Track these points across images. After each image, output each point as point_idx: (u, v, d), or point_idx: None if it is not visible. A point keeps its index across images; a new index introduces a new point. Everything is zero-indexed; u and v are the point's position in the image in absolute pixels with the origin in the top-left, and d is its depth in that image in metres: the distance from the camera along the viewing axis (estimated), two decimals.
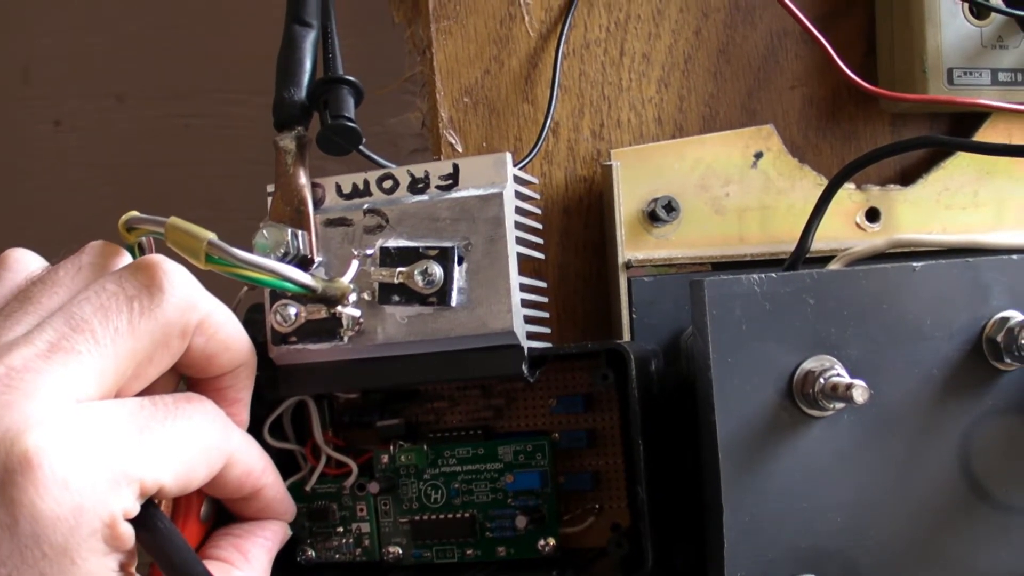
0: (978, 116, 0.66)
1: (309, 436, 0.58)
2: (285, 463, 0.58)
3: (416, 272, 0.51)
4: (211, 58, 0.88)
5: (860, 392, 0.49)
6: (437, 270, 0.51)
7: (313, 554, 0.58)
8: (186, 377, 0.51)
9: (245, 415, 0.52)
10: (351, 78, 0.54)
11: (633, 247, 0.60)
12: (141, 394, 0.48)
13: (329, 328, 0.53)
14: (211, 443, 0.49)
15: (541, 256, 0.55)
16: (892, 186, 0.64)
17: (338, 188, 0.54)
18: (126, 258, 0.50)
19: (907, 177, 0.65)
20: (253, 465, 0.52)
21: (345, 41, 0.58)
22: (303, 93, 0.54)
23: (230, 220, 0.62)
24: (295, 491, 0.57)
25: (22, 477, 0.42)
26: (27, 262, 0.50)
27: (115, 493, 0.44)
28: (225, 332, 0.50)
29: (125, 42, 0.92)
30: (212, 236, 0.48)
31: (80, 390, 0.44)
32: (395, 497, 0.57)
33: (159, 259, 0.48)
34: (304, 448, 0.58)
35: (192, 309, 0.48)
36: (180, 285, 0.47)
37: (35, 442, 0.42)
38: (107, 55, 0.92)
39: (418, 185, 0.53)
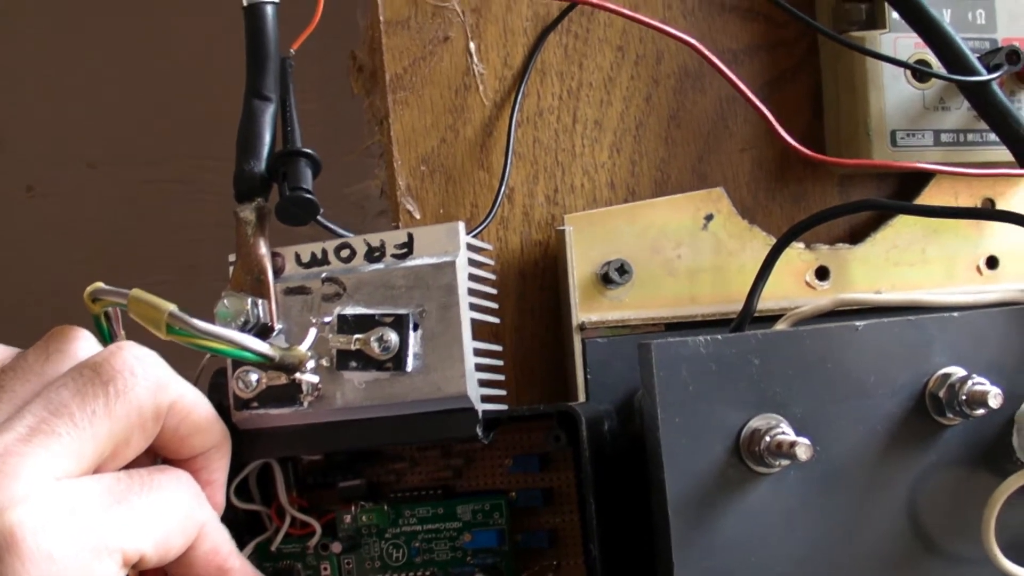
0: (924, 175, 0.67)
1: (274, 497, 0.59)
2: (251, 524, 0.59)
3: (372, 339, 0.53)
4: (179, 125, 0.89)
5: (803, 450, 0.51)
6: (393, 337, 0.53)
7: None
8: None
9: (220, 497, 0.54)
10: (309, 151, 0.55)
11: (587, 309, 0.61)
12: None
13: (289, 393, 0.54)
14: (186, 511, 0.50)
15: (496, 320, 0.57)
16: (841, 245, 0.66)
17: (297, 257, 0.56)
18: (90, 340, 0.51)
19: (856, 236, 0.67)
20: (221, 544, 0.53)
21: (311, 107, 0.59)
22: (263, 165, 0.55)
23: (199, 283, 0.63)
24: (261, 551, 0.59)
25: (8, 553, 0.43)
26: None
27: (99, 563, 0.45)
28: (197, 415, 0.51)
29: (97, 110, 0.93)
30: (173, 307, 0.49)
31: (60, 469, 0.46)
32: (358, 556, 0.58)
33: (131, 345, 0.50)
34: (269, 509, 0.59)
35: (163, 391, 0.49)
36: (152, 368, 0.49)
37: (18, 518, 0.43)
38: (79, 122, 0.93)
39: (374, 254, 0.55)
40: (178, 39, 0.91)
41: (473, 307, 0.54)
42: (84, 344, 0.51)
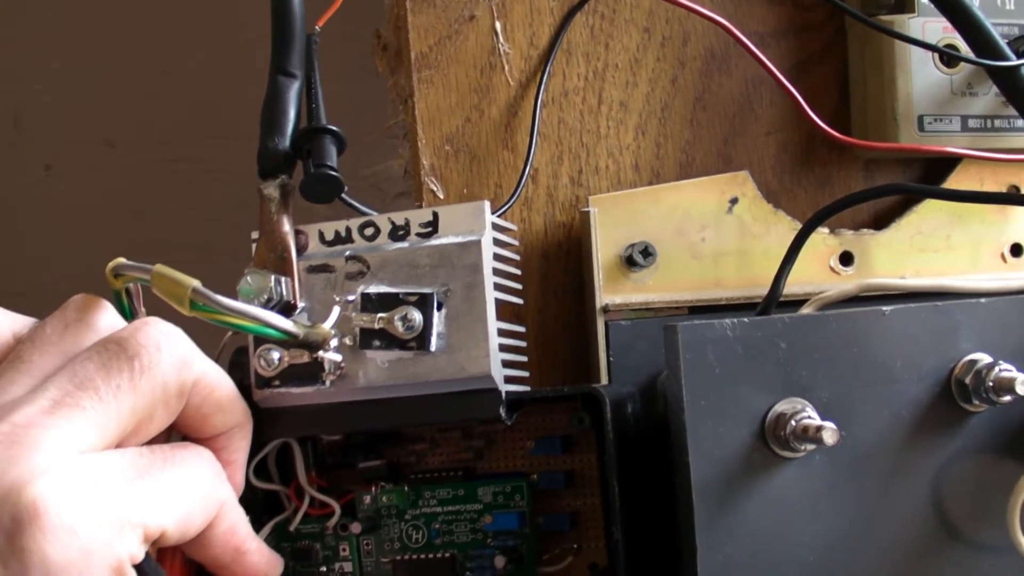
0: (950, 160, 0.67)
1: (293, 477, 0.59)
2: (270, 504, 0.59)
3: (396, 318, 0.52)
4: (198, 103, 0.89)
5: (830, 434, 0.50)
6: (417, 316, 0.52)
7: None
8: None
9: (240, 477, 0.54)
10: (334, 128, 0.55)
11: (611, 291, 0.61)
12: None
13: (312, 372, 0.54)
14: (208, 489, 0.51)
15: (520, 301, 0.56)
16: (865, 230, 0.65)
17: (321, 235, 0.56)
18: (108, 310, 0.51)
19: (880, 221, 0.67)
20: (239, 524, 0.53)
21: (333, 88, 0.59)
22: (287, 142, 0.55)
23: (216, 263, 0.63)
24: (279, 531, 0.58)
25: (31, 526, 0.43)
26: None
27: (121, 538, 0.45)
28: (220, 393, 0.51)
29: (114, 88, 0.93)
30: (196, 283, 0.49)
31: (83, 442, 0.46)
32: (377, 537, 0.58)
33: (157, 321, 0.50)
34: (288, 489, 0.59)
35: (188, 368, 0.49)
36: (177, 345, 0.49)
37: (41, 491, 0.43)
38: (97, 101, 0.93)
39: (399, 232, 0.54)
40: (196, 19, 0.91)
41: (497, 287, 0.54)
42: (104, 315, 0.51)
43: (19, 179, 0.97)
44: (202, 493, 0.50)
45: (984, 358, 0.55)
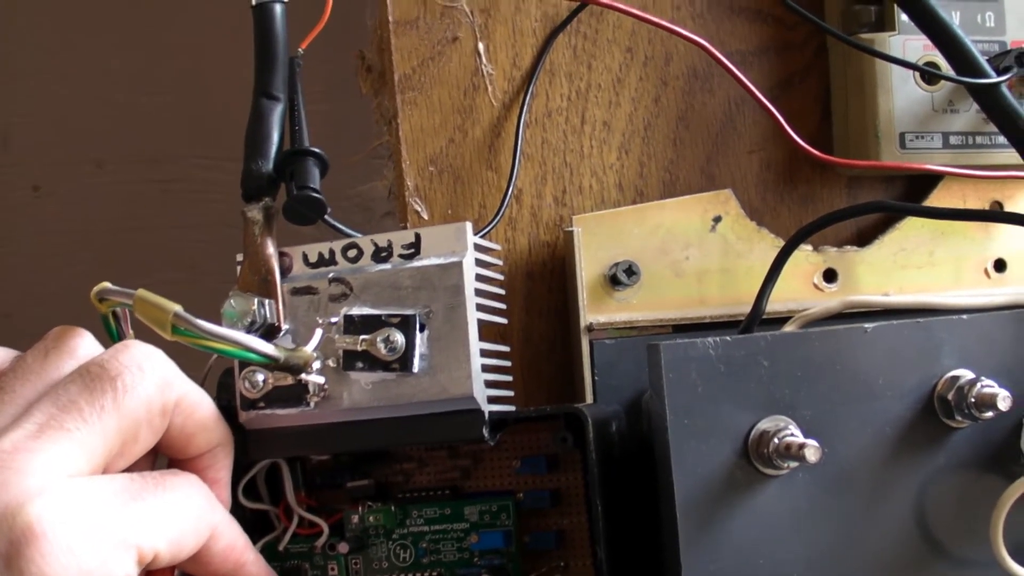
0: (932, 177, 0.67)
1: (282, 497, 0.59)
2: (260, 523, 0.59)
3: (379, 339, 0.53)
4: (186, 125, 0.89)
5: (812, 452, 0.50)
6: (399, 337, 0.53)
7: None
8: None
9: (226, 494, 0.54)
10: (316, 150, 0.55)
11: (595, 311, 0.61)
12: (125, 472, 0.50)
13: (296, 394, 0.54)
14: (198, 513, 0.51)
15: (504, 321, 0.57)
16: (849, 247, 0.66)
17: (305, 257, 0.56)
18: (87, 337, 0.52)
19: (864, 238, 0.67)
20: (236, 539, 0.53)
21: (318, 108, 0.59)
22: (270, 165, 0.55)
23: (204, 283, 0.64)
24: (269, 551, 0.58)
25: (28, 548, 0.43)
26: None
27: (117, 558, 0.46)
28: (202, 412, 0.52)
29: (103, 109, 0.93)
30: (178, 308, 0.49)
31: (71, 465, 0.46)
32: (365, 556, 0.58)
33: (137, 343, 0.50)
34: (277, 509, 0.59)
35: (170, 388, 0.50)
36: (159, 365, 0.50)
37: (37, 513, 0.44)
38: (85, 122, 0.94)
39: (381, 254, 0.55)
40: (184, 41, 0.91)
41: (480, 308, 0.54)
42: (83, 342, 0.51)
43: (7, 200, 0.97)
44: (192, 516, 0.51)
45: (966, 374, 0.55)
